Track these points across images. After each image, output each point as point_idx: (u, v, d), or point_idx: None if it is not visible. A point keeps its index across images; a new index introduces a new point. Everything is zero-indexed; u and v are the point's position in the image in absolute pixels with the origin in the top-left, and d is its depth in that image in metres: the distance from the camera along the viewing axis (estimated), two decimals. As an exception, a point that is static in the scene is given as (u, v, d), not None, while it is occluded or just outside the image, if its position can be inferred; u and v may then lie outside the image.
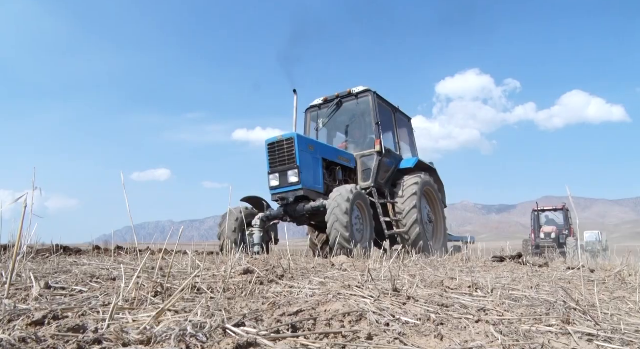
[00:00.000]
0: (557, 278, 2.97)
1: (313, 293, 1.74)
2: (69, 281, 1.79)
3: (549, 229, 19.76)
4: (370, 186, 6.72)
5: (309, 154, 6.05)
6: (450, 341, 1.17)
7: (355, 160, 7.06)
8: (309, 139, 6.36)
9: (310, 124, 7.77)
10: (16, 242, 1.37)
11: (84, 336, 0.95)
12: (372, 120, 7.03)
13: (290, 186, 5.84)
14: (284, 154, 5.91)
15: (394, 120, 7.81)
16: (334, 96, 7.48)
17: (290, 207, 5.99)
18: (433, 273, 2.95)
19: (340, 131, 7.87)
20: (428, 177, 7.51)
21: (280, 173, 5.93)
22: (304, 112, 7.84)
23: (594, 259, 8.07)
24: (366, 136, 7.29)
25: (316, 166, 6.19)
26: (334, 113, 7.52)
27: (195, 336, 1.00)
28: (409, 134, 8.65)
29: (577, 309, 1.60)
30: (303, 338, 1.11)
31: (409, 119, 8.69)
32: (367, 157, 7.03)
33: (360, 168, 6.99)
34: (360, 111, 7.34)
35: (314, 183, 6.01)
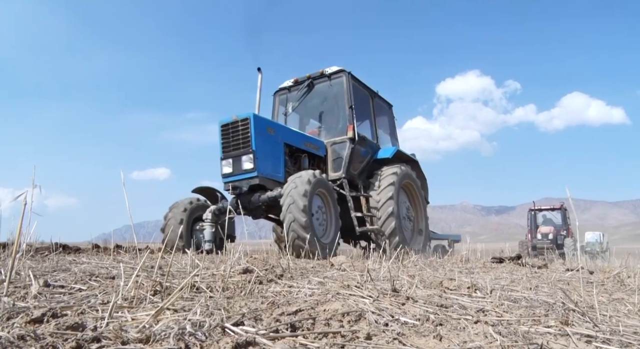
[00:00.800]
0: (556, 279, 2.97)
1: (312, 293, 1.74)
2: (68, 280, 1.79)
3: (547, 229, 19.06)
4: (340, 176, 6.02)
5: (268, 138, 5.34)
6: (449, 342, 1.17)
7: (325, 148, 6.32)
8: (268, 120, 5.60)
9: (278, 109, 7.02)
10: (15, 240, 1.37)
11: (82, 334, 0.95)
12: (346, 103, 6.28)
13: (244, 173, 5.15)
14: (239, 137, 5.19)
15: (372, 105, 7.08)
16: (305, 77, 6.74)
17: (243, 198, 5.25)
18: (432, 273, 2.95)
19: (311, 116, 7.12)
20: (409, 170, 6.81)
21: (234, 159, 5.22)
22: (272, 95, 7.13)
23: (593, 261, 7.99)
24: (339, 122, 6.56)
25: (276, 151, 5.47)
26: (305, 96, 6.75)
27: (194, 335, 1.00)
28: (390, 123, 7.84)
29: (575, 311, 1.60)
30: (302, 338, 1.11)
31: (390, 106, 7.89)
32: (338, 144, 6.28)
33: (330, 157, 6.29)
34: (333, 93, 6.56)
35: (272, 171, 5.31)
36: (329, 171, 6.22)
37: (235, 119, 5.23)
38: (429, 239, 7.72)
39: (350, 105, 6.20)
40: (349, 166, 6.12)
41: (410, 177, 6.81)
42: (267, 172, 5.23)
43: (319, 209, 5.06)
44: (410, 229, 6.80)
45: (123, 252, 3.70)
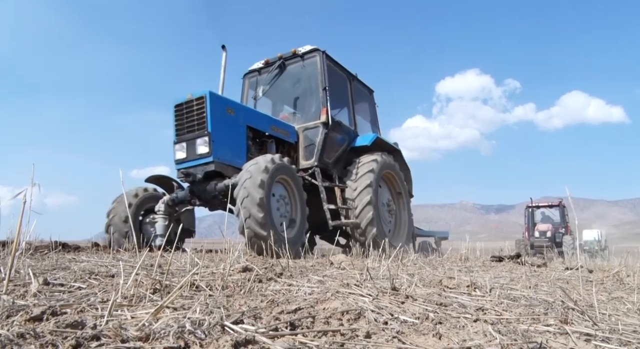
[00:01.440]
0: (555, 278, 2.97)
1: (312, 291, 1.74)
2: (68, 278, 1.79)
3: (545, 227, 18.26)
4: (312, 165, 5.49)
5: (227, 119, 4.81)
6: (449, 340, 1.17)
7: (296, 133, 5.76)
8: (227, 100, 5.02)
9: (247, 93, 6.49)
10: (15, 238, 1.36)
11: (82, 332, 0.95)
12: (319, 85, 5.72)
13: (198, 158, 4.62)
14: (193, 118, 4.67)
15: (350, 89, 6.52)
16: (276, 57, 6.20)
17: (198, 186, 4.71)
18: (431, 272, 2.95)
19: (283, 100, 6.63)
20: (390, 159, 6.24)
21: (188, 142, 4.68)
22: (242, 78, 6.58)
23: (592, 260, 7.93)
24: (312, 105, 6.01)
25: (237, 134, 4.94)
26: (276, 78, 6.20)
27: (193, 333, 1.00)
28: (371, 110, 7.27)
29: (575, 309, 1.60)
30: (301, 336, 1.11)
31: (371, 92, 7.32)
32: (311, 130, 5.74)
33: (302, 144, 5.73)
34: (307, 75, 6.01)
35: (231, 156, 4.75)
36: (300, 159, 5.69)
37: (189, 98, 4.70)
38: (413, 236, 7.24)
39: (324, 86, 5.66)
40: (322, 154, 5.59)
41: (391, 167, 6.27)
42: (225, 158, 4.68)
43: (281, 199, 4.59)
44: (391, 224, 6.31)
45: (122, 251, 3.70)
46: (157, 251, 3.84)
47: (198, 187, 4.72)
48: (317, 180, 5.34)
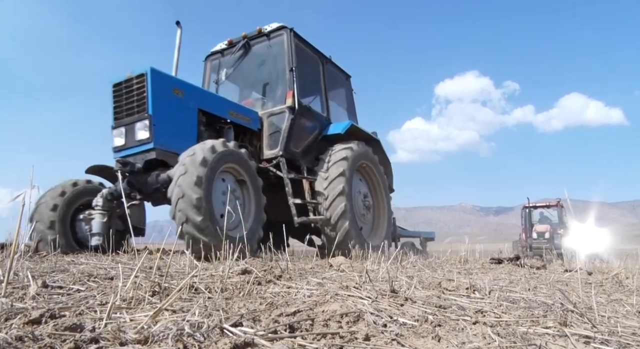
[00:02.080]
0: (554, 280, 2.98)
1: (311, 294, 1.74)
2: (67, 280, 1.79)
3: (543, 228, 17.33)
4: (277, 154, 4.96)
5: (174, 101, 4.24)
6: (448, 343, 1.17)
7: (260, 120, 5.22)
8: (174, 78, 4.43)
9: (209, 77, 5.94)
10: (14, 240, 1.36)
11: (81, 335, 0.95)
12: (286, 65, 5.19)
13: (138, 144, 4.02)
14: (133, 99, 4.09)
15: (323, 72, 5.92)
16: (240, 37, 5.64)
17: (137, 178, 4.10)
18: (431, 274, 2.95)
19: (249, 84, 6.07)
20: (368, 149, 5.72)
21: (127, 127, 4.09)
22: (204, 61, 6.04)
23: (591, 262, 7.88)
24: (277, 89, 5.48)
25: (186, 118, 4.38)
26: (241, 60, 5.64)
27: (192, 336, 1.00)
28: (347, 97, 6.69)
29: (574, 312, 1.60)
30: (300, 338, 1.11)
31: (348, 77, 6.73)
32: (276, 115, 5.19)
33: (266, 131, 5.19)
34: (273, 55, 5.47)
35: (177, 143, 4.08)
36: (264, 148, 5.15)
37: (129, 76, 4.14)
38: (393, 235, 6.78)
39: (291, 67, 5.13)
40: (289, 142, 5.05)
41: (368, 157, 5.71)
42: (169, 145, 4.07)
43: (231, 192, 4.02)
44: (368, 221, 5.77)
45: (121, 253, 3.69)
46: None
47: (137, 179, 4.11)
48: (283, 171, 4.83)
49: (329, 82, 6.04)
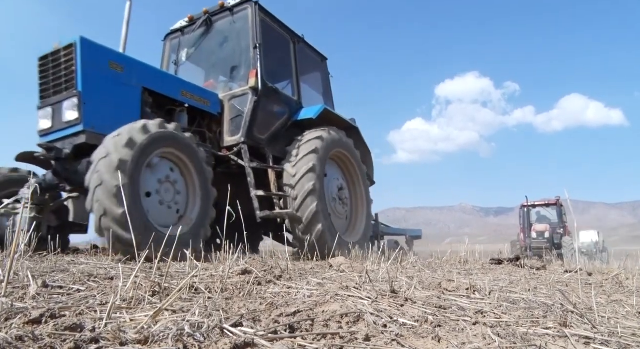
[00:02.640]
0: (554, 280, 2.97)
1: (311, 294, 1.74)
2: (67, 280, 1.79)
3: (542, 227, 16.64)
4: (238, 141, 4.49)
5: (111, 77, 3.67)
6: (448, 343, 1.17)
7: (220, 103, 4.72)
8: (112, 51, 3.81)
9: (169, 58, 5.42)
10: (14, 240, 1.36)
11: (81, 335, 0.95)
12: (250, 42, 4.70)
13: (66, 127, 3.48)
14: (60, 75, 3.54)
15: (294, 53, 5.39)
16: (201, 12, 5.15)
17: (65, 166, 3.53)
18: (431, 274, 2.95)
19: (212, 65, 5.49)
20: (343, 137, 5.17)
21: (54, 106, 3.55)
22: (163, 40, 5.54)
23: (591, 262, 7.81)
24: (241, 69, 4.94)
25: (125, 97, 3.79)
26: (202, 39, 5.16)
27: (192, 336, 1.00)
28: (324, 80, 6.13)
29: (574, 312, 1.60)
30: (300, 339, 1.11)
31: (324, 59, 6.17)
32: (238, 98, 4.67)
33: (227, 115, 4.69)
34: (236, 32, 4.96)
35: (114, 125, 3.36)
36: (225, 135, 4.67)
37: (56, 48, 3.56)
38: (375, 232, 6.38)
39: (255, 44, 4.64)
40: (252, 128, 4.56)
41: (344, 145, 5.16)
42: (103, 127, 3.44)
43: (167, 180, 3.49)
44: (345, 217, 5.25)
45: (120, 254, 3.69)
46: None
47: (65, 167, 3.52)
48: (244, 160, 4.38)
49: (301, 63, 5.52)
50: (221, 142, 4.68)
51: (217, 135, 4.72)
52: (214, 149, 4.56)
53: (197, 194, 3.70)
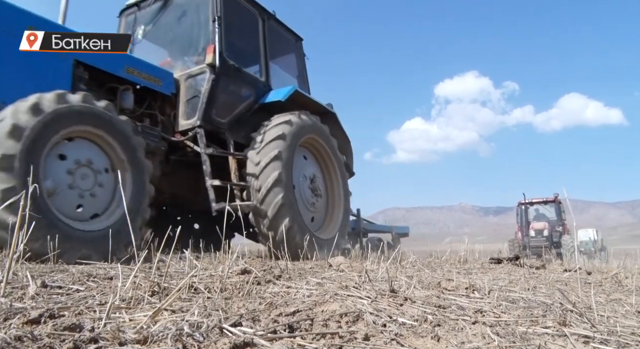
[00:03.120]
0: (554, 280, 2.98)
1: (310, 294, 1.74)
2: (66, 280, 1.79)
3: (540, 225, 16.28)
4: (194, 125, 4.05)
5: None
6: (447, 343, 1.17)
7: (175, 83, 4.25)
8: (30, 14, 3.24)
9: None
10: (13, 240, 1.36)
11: (80, 335, 0.95)
12: (209, 14, 4.29)
13: None
14: None
15: (262, 30, 4.90)
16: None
17: None
18: (430, 274, 2.95)
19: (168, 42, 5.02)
20: (316, 121, 4.73)
21: None
22: (118, 16, 5.07)
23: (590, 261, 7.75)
24: (199, 45, 4.49)
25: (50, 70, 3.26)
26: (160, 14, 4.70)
27: (191, 336, 1.00)
28: (298, 63, 5.63)
29: (573, 311, 1.60)
30: (300, 338, 1.11)
31: (298, 39, 5.63)
32: (194, 77, 4.24)
33: (183, 97, 4.24)
34: (195, 4, 4.55)
35: None
36: (180, 118, 4.20)
37: None
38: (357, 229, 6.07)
39: (214, 17, 4.22)
40: (209, 110, 4.11)
41: (317, 131, 4.70)
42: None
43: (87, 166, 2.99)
44: (317, 211, 4.81)
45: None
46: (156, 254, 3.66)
47: None
48: (200, 146, 3.92)
49: (272, 43, 5.06)
50: (175, 126, 4.21)
51: (171, 118, 4.26)
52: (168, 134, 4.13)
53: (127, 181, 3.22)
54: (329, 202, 5.05)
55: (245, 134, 4.47)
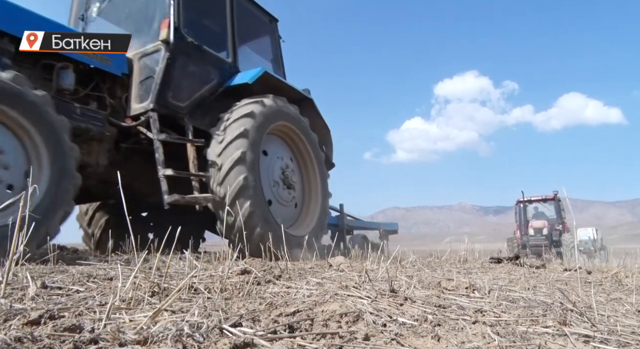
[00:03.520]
0: (554, 279, 2.98)
1: (310, 294, 1.74)
2: (66, 281, 1.79)
3: (539, 223, 15.83)
4: (146, 108, 3.64)
5: None
6: (447, 342, 1.17)
7: (129, 63, 3.85)
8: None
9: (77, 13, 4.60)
10: (13, 241, 1.36)
11: (80, 335, 0.95)
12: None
13: None
14: None
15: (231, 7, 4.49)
16: None
17: None
18: (430, 273, 2.95)
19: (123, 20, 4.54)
20: (289, 107, 4.39)
21: None
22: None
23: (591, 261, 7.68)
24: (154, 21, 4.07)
25: None
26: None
27: (192, 336, 1.00)
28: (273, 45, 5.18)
29: (573, 311, 1.60)
30: (300, 339, 1.11)
31: (273, 20, 5.19)
32: (149, 56, 3.84)
33: (136, 78, 3.85)
34: None
35: None
36: (132, 101, 3.78)
37: None
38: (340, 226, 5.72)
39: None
40: (165, 92, 3.70)
41: (292, 118, 4.35)
42: None
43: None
44: (290, 204, 4.43)
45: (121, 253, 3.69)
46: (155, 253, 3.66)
47: None
48: (153, 131, 3.53)
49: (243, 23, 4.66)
50: (128, 110, 3.79)
51: (122, 102, 3.84)
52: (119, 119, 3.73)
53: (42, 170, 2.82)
54: (305, 196, 4.68)
55: (210, 121, 4.04)
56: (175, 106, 3.85)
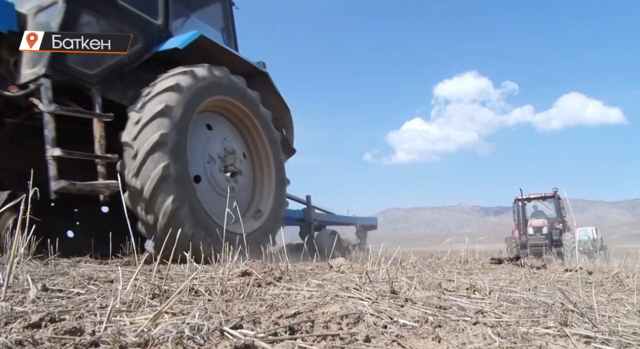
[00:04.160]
0: (554, 279, 2.97)
1: (311, 295, 1.74)
2: (66, 284, 1.79)
3: (539, 222, 15.08)
4: (37, 74, 2.98)
5: None
6: (448, 343, 1.17)
7: (20, 20, 3.15)
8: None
9: None
10: (14, 244, 1.36)
11: (80, 338, 0.95)
12: None
13: None
14: None
15: None
16: None
17: None
18: (431, 275, 2.95)
19: None
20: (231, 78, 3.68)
21: None
22: None
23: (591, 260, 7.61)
24: None
25: None
26: None
27: (192, 339, 1.00)
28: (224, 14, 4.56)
29: (574, 311, 1.60)
30: (300, 340, 1.11)
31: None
32: (46, 10, 3.16)
33: None
34: None
35: None
36: (23, 66, 3.07)
37: None
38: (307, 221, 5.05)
39: None
40: (63, 54, 3.02)
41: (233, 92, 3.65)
42: None
43: None
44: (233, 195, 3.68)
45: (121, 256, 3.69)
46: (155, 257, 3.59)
47: None
48: (43, 104, 2.87)
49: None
50: (17, 77, 3.09)
51: (10, 66, 3.15)
52: (4, 88, 3.07)
53: None
54: (256, 185, 4.01)
55: (133, 94, 3.35)
56: (79, 73, 3.14)
